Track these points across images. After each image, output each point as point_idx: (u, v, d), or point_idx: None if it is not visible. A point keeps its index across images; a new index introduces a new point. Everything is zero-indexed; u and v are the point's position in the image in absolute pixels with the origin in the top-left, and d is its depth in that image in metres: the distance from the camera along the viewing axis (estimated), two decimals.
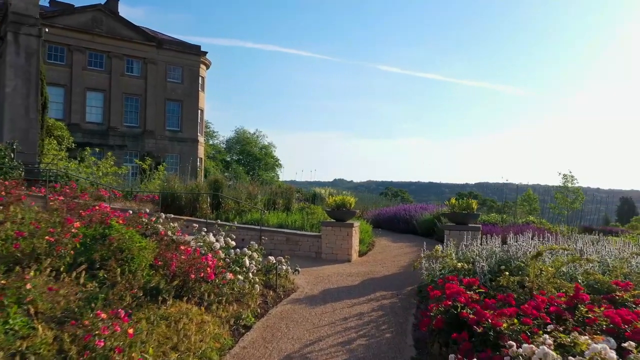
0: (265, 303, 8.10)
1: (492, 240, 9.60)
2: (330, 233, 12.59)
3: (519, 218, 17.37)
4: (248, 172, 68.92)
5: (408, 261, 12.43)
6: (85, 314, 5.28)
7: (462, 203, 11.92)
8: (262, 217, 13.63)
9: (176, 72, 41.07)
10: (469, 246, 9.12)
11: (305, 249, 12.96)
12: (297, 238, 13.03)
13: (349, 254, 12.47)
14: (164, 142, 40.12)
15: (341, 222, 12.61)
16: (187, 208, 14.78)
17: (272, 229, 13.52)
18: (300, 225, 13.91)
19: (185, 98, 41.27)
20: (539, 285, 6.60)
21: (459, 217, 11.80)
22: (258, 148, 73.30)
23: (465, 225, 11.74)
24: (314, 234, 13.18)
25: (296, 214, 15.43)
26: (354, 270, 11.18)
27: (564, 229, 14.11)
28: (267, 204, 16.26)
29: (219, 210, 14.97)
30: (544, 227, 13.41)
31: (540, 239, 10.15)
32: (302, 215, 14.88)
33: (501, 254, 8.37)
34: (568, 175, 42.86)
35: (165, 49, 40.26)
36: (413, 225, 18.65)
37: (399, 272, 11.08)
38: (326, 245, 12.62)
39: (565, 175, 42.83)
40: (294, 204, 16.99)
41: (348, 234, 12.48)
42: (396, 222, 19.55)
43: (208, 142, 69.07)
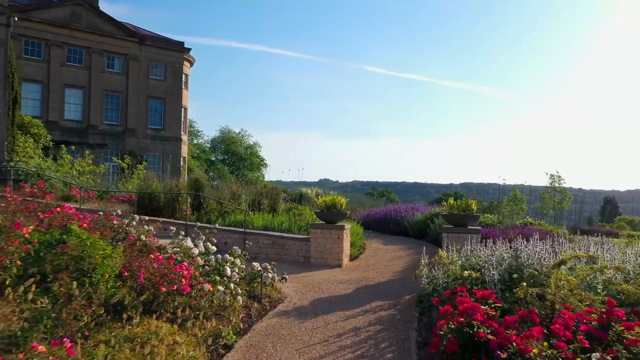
0: (249, 316, 7.17)
1: (493, 244, 8.81)
2: (319, 236, 11.69)
3: (514, 219, 16.65)
4: (233, 172, 67.80)
5: (403, 266, 11.58)
6: (30, 338, 4.33)
7: (461, 203, 11.11)
8: (245, 218, 12.69)
9: (159, 69, 39.82)
10: (474, 251, 8.29)
11: (292, 253, 12.04)
12: (284, 241, 12.11)
13: (339, 259, 11.58)
14: (146, 140, 38.84)
15: (331, 225, 11.72)
16: (165, 209, 13.77)
17: (257, 231, 12.58)
18: (287, 228, 12.99)
19: (168, 96, 40.04)
20: (561, 298, 5.77)
21: (457, 218, 10.99)
22: (243, 148, 72.17)
23: (465, 228, 10.93)
24: (302, 236, 12.26)
25: (283, 215, 14.51)
26: (346, 277, 10.29)
27: (566, 231, 13.39)
28: (251, 204, 15.31)
29: (200, 211, 13.98)
30: (545, 229, 12.68)
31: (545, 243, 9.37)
32: (289, 217, 13.96)
33: (510, 260, 7.56)
34: (555, 175, 42.65)
35: (147, 45, 38.99)
36: (404, 226, 17.84)
37: (394, 279, 10.22)
38: (315, 249, 11.72)
39: (553, 176, 42.61)
40: (280, 205, 16.06)
41: (339, 237, 11.59)
42: (386, 223, 18.71)
43: (192, 141, 67.80)
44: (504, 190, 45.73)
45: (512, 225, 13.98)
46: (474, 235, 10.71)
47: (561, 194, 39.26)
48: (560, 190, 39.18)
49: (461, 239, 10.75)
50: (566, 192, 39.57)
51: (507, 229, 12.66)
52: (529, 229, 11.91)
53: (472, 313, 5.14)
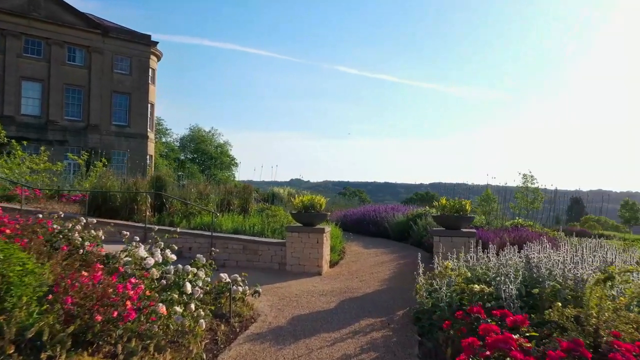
0: (214, 343, 5.80)
1: (484, 249, 7.67)
2: (296, 240, 10.35)
3: (504, 220, 15.67)
4: (203, 171, 65.75)
5: (389, 273, 10.35)
6: None
7: (454, 204, 9.95)
8: (213, 220, 11.24)
9: (124, 62, 37.73)
10: (480, 259, 7.10)
11: (266, 260, 10.67)
12: (257, 246, 10.72)
13: (319, 265, 10.27)
14: (110, 137, 36.71)
15: (310, 227, 10.40)
16: (122, 210, 12.20)
17: (226, 235, 11.16)
18: (259, 231, 11.60)
19: (134, 91, 37.98)
20: (605, 322, 4.61)
21: (450, 220, 9.82)
22: (213, 147, 70.15)
23: (458, 230, 9.77)
24: (276, 240, 10.91)
25: (255, 216, 13.11)
26: (328, 287, 8.99)
27: (562, 234, 12.41)
28: (220, 205, 13.86)
29: (162, 212, 12.46)
30: (540, 231, 11.65)
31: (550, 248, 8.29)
32: (261, 218, 12.58)
33: (522, 270, 6.39)
34: (528, 175, 42.39)
35: (111, 37, 36.86)
36: (384, 227, 16.66)
37: (382, 289, 8.96)
38: (292, 255, 10.38)
39: (525, 175, 42.34)
40: (252, 205, 14.64)
41: (318, 242, 10.28)
42: (365, 224, 17.50)
43: (161, 139, 65.53)
44: (472, 190, 45.39)
45: (503, 227, 12.94)
46: (469, 239, 9.59)
47: (534, 193, 39.00)
48: (533, 190, 38.94)
49: (455, 243, 9.59)
50: (538, 192, 39.31)
51: (499, 231, 11.59)
52: (524, 232, 10.86)
53: (505, 347, 3.91)
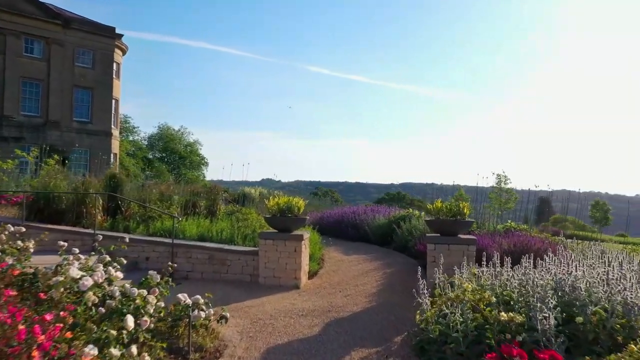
0: None
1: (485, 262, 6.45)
2: (270, 249, 8.94)
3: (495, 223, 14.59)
4: (172, 170, 63.58)
5: (376, 285, 9.03)
6: None
7: (451, 206, 8.71)
8: (175, 225, 9.71)
9: (86, 55, 35.47)
10: (498, 276, 5.84)
11: (236, 271, 9.22)
12: (225, 255, 9.26)
13: (296, 278, 8.88)
14: (71, 134, 34.41)
15: (286, 234, 9.00)
16: (69, 214, 10.53)
17: (190, 242, 9.66)
18: (228, 237, 10.13)
19: (97, 85, 35.75)
20: None
21: (446, 225, 8.56)
22: (183, 145, 67.89)
23: (455, 237, 8.53)
24: (247, 248, 9.47)
25: (224, 220, 11.62)
26: (308, 305, 7.61)
27: (564, 239, 11.35)
28: (185, 207, 12.31)
29: (116, 216, 10.83)
30: (541, 238, 10.51)
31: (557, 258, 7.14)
32: (231, 223, 11.10)
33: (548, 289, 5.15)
34: (502, 175, 42.04)
35: (73, 28, 34.57)
36: (364, 231, 15.36)
37: (371, 307, 7.63)
38: (265, 266, 8.95)
39: (499, 175, 41.97)
40: (220, 207, 13.13)
41: (296, 250, 8.89)
42: (344, 227, 16.16)
43: (128, 138, 63.05)
44: (442, 190, 44.96)
45: (496, 231, 11.80)
46: (468, 247, 8.37)
47: (508, 193, 38.64)
48: (507, 190, 38.58)
49: (453, 251, 8.36)
50: (512, 192, 38.98)
51: (494, 236, 10.42)
52: (524, 238, 9.71)
53: None
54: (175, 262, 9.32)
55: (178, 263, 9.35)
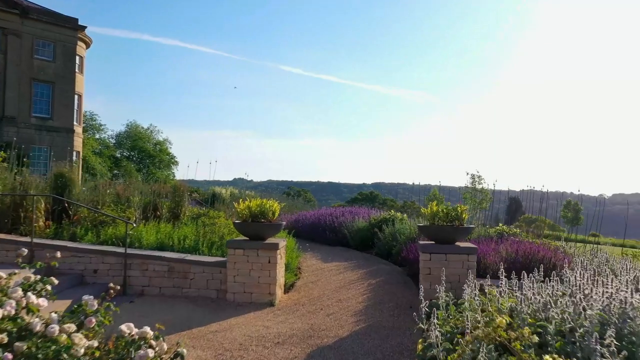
0: None
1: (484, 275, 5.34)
2: (241, 259, 7.63)
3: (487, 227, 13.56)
4: (140, 169, 61.37)
5: (362, 300, 7.83)
6: None
7: (448, 210, 7.57)
8: (127, 232, 8.28)
9: (47, 48, 33.23)
10: (533, 300, 4.67)
11: (200, 285, 7.88)
12: (187, 267, 7.91)
13: (271, 293, 7.60)
14: (30, 131, 32.16)
15: (259, 242, 7.70)
16: (5, 218, 8.97)
17: (147, 252, 8.26)
18: (192, 245, 8.77)
19: (58, 79, 33.55)
20: None
21: (443, 232, 7.43)
22: (152, 144, 65.65)
23: (453, 245, 7.40)
24: (214, 259, 8.13)
25: (189, 225, 10.24)
26: (285, 328, 6.34)
27: (563, 243, 10.35)
28: (145, 210, 10.87)
29: (62, 221, 9.33)
30: (546, 245, 9.44)
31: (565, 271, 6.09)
32: (196, 228, 9.74)
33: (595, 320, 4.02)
34: (476, 175, 41.71)
35: (32, 19, 32.31)
36: (343, 234, 14.17)
37: (360, 329, 6.41)
38: (235, 280, 7.64)
39: (474, 176, 41.63)
40: (186, 210, 11.71)
41: (270, 261, 7.61)
42: (321, 231, 14.93)
43: (94, 136, 60.58)
44: (413, 190, 44.32)
45: (489, 236, 10.76)
46: (468, 257, 7.25)
47: (482, 193, 38.29)
48: (481, 190, 38.23)
49: (451, 262, 7.23)
50: (486, 192, 38.68)
51: (489, 242, 9.35)
52: (527, 246, 8.64)
53: None
54: (129, 275, 7.94)
55: (132, 276, 7.96)
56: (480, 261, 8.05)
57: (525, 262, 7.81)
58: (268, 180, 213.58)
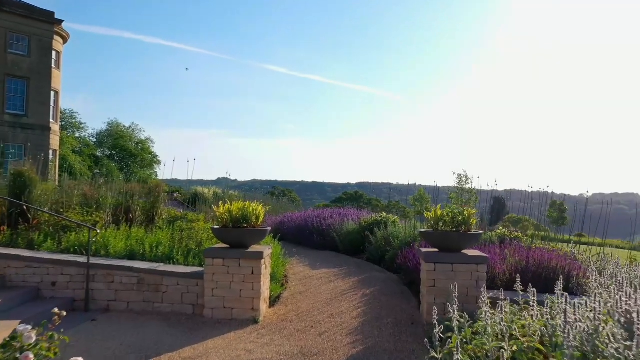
0: None
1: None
2: (220, 270, 6.66)
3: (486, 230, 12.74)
4: (122, 169, 59.78)
5: (357, 315, 6.93)
6: None
7: (454, 214, 6.71)
8: (90, 239, 7.24)
9: (21, 42, 31.68)
10: (573, 325, 3.81)
11: (174, 299, 6.90)
12: (159, 279, 6.91)
13: (254, 308, 6.65)
14: (4, 128, 30.61)
15: (241, 250, 6.74)
16: None
17: (113, 261, 7.24)
18: (166, 253, 7.77)
19: (33, 75, 32.01)
20: None
21: (450, 239, 6.55)
22: (134, 143, 63.95)
23: (459, 254, 6.53)
24: (190, 269, 7.15)
25: (164, 230, 9.22)
26: (271, 353, 5.40)
27: (574, 249, 9.55)
28: (116, 213, 9.83)
29: (18, 226, 8.23)
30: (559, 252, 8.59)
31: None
32: (171, 233, 8.73)
33: None
34: (462, 175, 41.26)
35: (5, 11, 30.73)
36: (331, 237, 13.25)
37: (356, 353, 5.49)
38: (213, 293, 6.67)
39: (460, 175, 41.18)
40: (161, 212, 10.68)
41: (254, 272, 6.66)
42: (308, 233, 14.00)
43: (74, 134, 58.83)
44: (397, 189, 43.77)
45: (488, 240, 9.93)
46: (478, 267, 6.40)
47: (469, 193, 37.88)
48: (468, 190, 37.82)
49: (458, 274, 6.37)
50: (473, 192, 38.25)
51: (493, 248, 8.51)
52: (538, 252, 7.82)
53: None
54: (93, 288, 6.93)
55: (96, 289, 6.95)
56: (488, 270, 7.22)
57: (538, 272, 7.00)
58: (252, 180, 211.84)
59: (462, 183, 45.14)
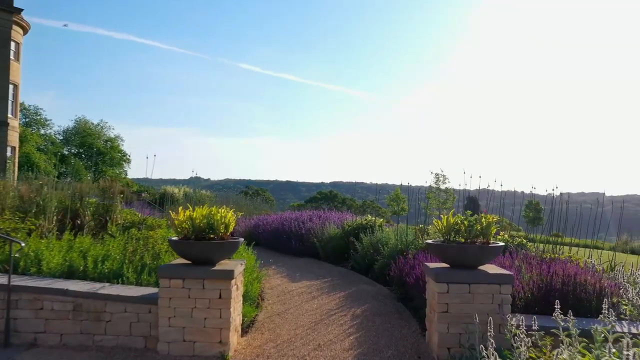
0: None
1: None
2: (180, 294, 5.19)
3: None
4: (89, 167, 57.10)
5: (349, 345, 5.55)
6: None
7: (470, 222, 5.40)
8: (12, 255, 5.64)
9: None
10: None
11: (120, 330, 5.38)
12: (102, 304, 5.39)
13: (222, 341, 5.19)
14: None
15: (206, 268, 5.27)
16: None
17: (43, 282, 5.67)
18: (114, 269, 6.24)
19: None
20: None
21: (466, 254, 5.24)
22: (102, 141, 61.21)
23: (477, 271, 5.23)
24: (143, 291, 5.65)
25: (117, 238, 7.64)
26: None
27: (603, 262, 8.37)
28: (62, 218, 8.22)
29: None
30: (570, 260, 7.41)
31: None
32: (124, 242, 7.17)
33: None
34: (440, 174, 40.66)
35: None
36: (311, 243, 11.87)
37: None
38: (170, 323, 5.19)
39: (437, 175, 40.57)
40: (117, 216, 9.10)
41: (222, 296, 5.21)
42: (285, 238, 12.56)
43: (39, 131, 55.92)
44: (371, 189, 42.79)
45: None
46: (501, 288, 5.13)
47: (446, 193, 37.30)
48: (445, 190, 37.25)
49: (477, 295, 5.08)
50: (451, 192, 37.68)
51: (500, 259, 7.28)
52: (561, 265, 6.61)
53: None
54: (16, 316, 5.37)
55: (20, 318, 5.39)
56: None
57: (564, 290, 5.77)
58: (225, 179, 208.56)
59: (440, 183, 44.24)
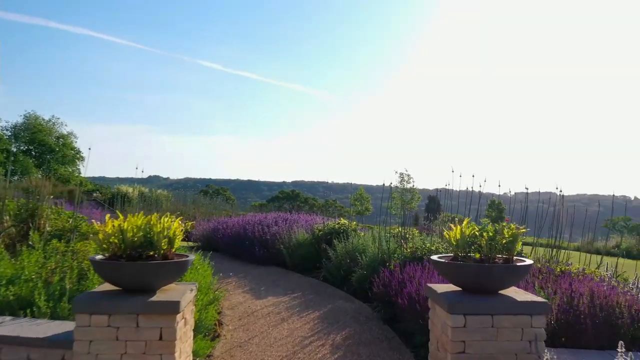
0: None
1: None
2: (103, 335, 3.70)
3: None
4: (39, 165, 53.48)
5: None
6: None
7: (489, 233, 4.14)
8: None
9: None
10: None
11: None
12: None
13: None
14: None
15: (142, 300, 3.80)
16: None
17: None
18: (23, 295, 4.66)
19: None
20: None
21: (487, 275, 3.98)
22: (54, 137, 57.48)
23: (501, 298, 3.98)
24: (54, 332, 4.11)
25: (35, 252, 5.97)
26: None
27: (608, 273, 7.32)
28: None
29: None
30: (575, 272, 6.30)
31: None
32: (42, 258, 5.55)
33: None
34: (405, 174, 39.98)
35: None
36: (277, 249, 10.45)
37: None
38: None
39: (402, 175, 39.87)
40: (44, 223, 7.40)
41: (163, 337, 3.74)
42: (247, 245, 11.06)
43: None
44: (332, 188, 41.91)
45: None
46: (532, 320, 3.88)
47: (410, 193, 36.66)
48: (410, 189, 36.59)
49: (501, 330, 3.82)
50: (415, 192, 37.04)
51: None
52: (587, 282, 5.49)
53: None
54: None
55: None
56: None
57: (596, 315, 4.63)
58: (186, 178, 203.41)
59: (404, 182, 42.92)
